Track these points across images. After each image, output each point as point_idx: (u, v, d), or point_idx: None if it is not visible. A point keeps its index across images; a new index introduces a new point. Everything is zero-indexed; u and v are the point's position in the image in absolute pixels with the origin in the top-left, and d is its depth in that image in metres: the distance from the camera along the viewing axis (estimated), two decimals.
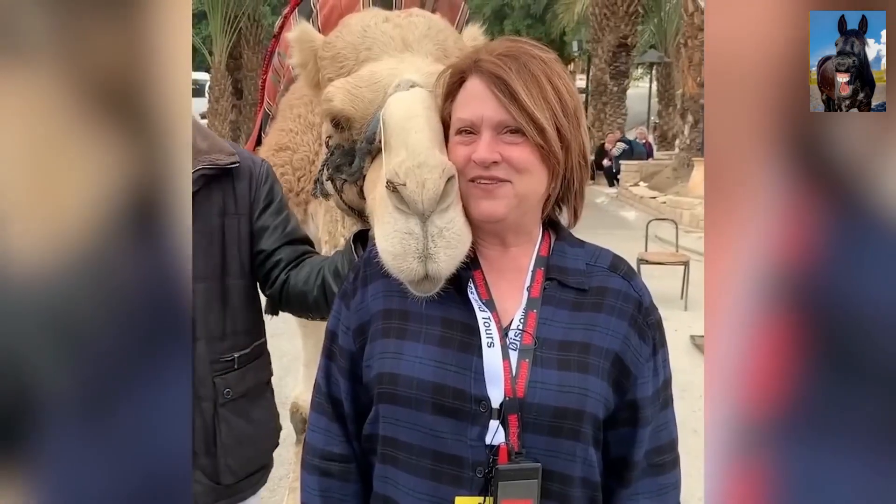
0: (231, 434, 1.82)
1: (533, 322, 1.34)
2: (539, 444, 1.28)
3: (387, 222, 1.35)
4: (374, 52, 1.59)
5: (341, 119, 1.56)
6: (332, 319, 1.50)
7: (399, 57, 1.61)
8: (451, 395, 1.30)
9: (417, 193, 1.31)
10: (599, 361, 1.32)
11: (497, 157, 1.29)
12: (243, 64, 24.11)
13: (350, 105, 1.54)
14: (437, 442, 1.31)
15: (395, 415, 1.35)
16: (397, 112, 1.46)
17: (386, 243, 1.35)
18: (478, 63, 1.34)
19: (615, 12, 23.60)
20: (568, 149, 1.34)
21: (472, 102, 1.34)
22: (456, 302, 1.37)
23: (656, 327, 1.40)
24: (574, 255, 1.42)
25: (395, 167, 1.34)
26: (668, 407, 1.42)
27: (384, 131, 1.44)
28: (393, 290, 1.40)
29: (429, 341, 1.34)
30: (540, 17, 29.49)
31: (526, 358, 1.31)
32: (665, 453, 1.41)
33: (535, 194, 1.35)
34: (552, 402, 1.28)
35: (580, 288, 1.37)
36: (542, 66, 1.32)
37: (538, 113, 1.28)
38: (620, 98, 24.86)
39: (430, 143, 1.38)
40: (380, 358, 1.37)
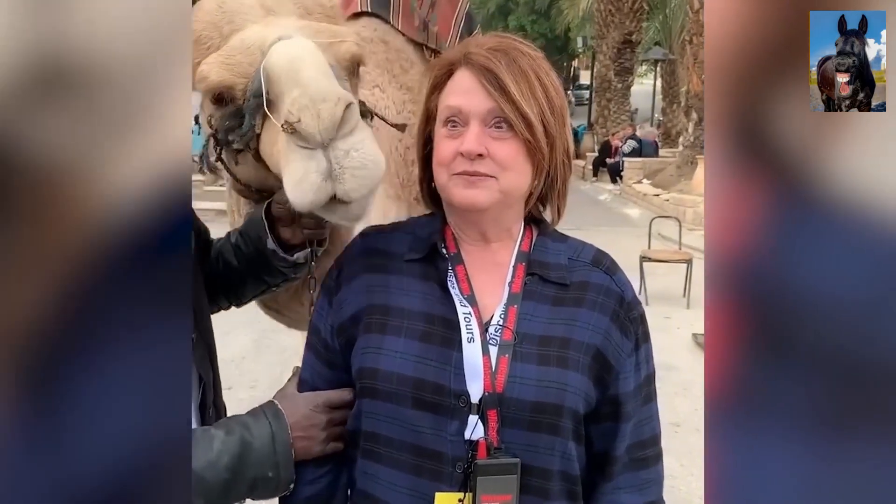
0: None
1: (513, 317, 1.34)
2: (518, 439, 1.29)
3: (291, 161, 1.33)
4: (237, 23, 1.55)
5: (223, 92, 1.52)
6: (316, 314, 1.50)
7: (264, 21, 1.58)
8: (430, 389, 1.31)
9: (313, 126, 1.29)
10: (579, 356, 1.32)
11: (483, 150, 1.30)
12: None
13: (228, 74, 1.49)
14: (417, 436, 1.31)
15: (376, 409, 1.36)
16: (281, 58, 1.43)
17: (291, 179, 1.32)
18: (468, 56, 1.35)
19: (620, 9, 23.56)
20: (553, 146, 1.35)
21: (460, 93, 1.34)
22: (437, 297, 1.37)
23: (639, 322, 1.40)
24: (556, 249, 1.43)
25: (288, 107, 1.32)
26: (650, 402, 1.43)
27: (270, 81, 1.42)
28: (375, 286, 1.41)
29: (410, 336, 1.35)
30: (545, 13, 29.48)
31: (506, 353, 1.31)
32: (647, 448, 1.41)
33: (518, 190, 1.36)
34: (531, 398, 1.29)
35: (561, 283, 1.38)
36: (530, 62, 1.33)
37: (527, 107, 1.29)
38: (625, 95, 24.83)
39: (320, 76, 1.36)
40: (362, 353, 1.38)
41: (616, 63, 24.28)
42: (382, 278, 1.42)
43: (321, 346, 1.47)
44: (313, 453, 1.41)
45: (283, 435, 1.38)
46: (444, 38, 2.41)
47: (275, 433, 1.38)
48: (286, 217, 1.66)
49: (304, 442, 1.40)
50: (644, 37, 25.02)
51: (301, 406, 1.42)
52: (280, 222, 1.67)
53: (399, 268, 1.43)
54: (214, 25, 1.56)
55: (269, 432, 1.38)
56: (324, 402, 1.43)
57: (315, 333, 1.49)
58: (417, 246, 1.43)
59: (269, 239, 1.67)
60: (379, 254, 1.45)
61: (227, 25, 1.56)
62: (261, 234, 1.69)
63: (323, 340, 1.47)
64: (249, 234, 1.73)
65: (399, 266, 1.43)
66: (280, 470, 1.38)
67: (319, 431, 1.41)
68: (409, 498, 1.32)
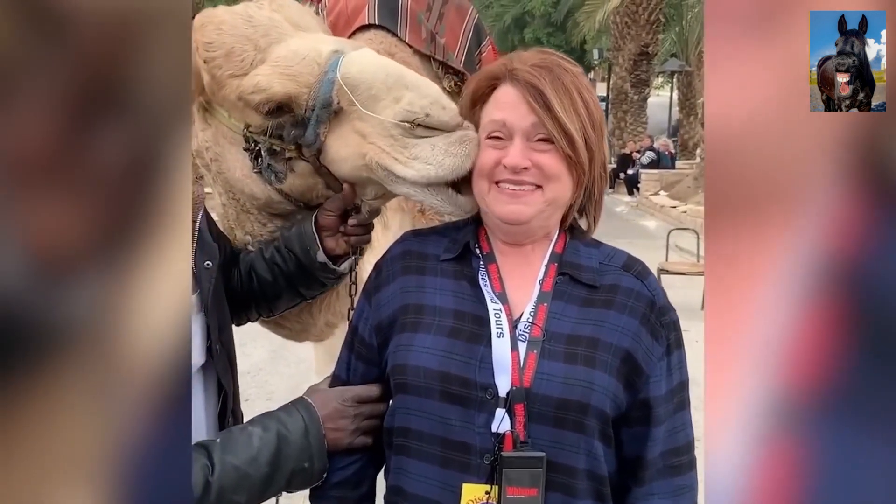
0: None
1: (543, 315, 1.37)
2: (544, 435, 1.31)
3: (415, 146, 1.51)
4: (273, 36, 1.60)
5: (284, 102, 1.56)
6: (356, 315, 1.56)
7: (300, 35, 1.64)
8: (457, 382, 1.34)
9: (446, 115, 1.48)
10: (608, 357, 1.34)
11: (528, 164, 1.34)
12: None
13: (293, 84, 1.54)
14: (446, 429, 1.34)
15: (406, 404, 1.39)
16: (369, 66, 1.55)
17: (425, 158, 1.49)
18: (513, 72, 1.38)
19: (636, 21, 23.53)
20: (592, 159, 1.39)
21: (505, 108, 1.38)
22: (469, 294, 1.41)
23: (672, 328, 1.41)
24: (588, 253, 1.45)
25: (406, 107, 1.49)
26: (684, 409, 1.43)
27: (355, 89, 1.52)
28: (410, 287, 1.46)
29: (439, 332, 1.38)
30: (560, 26, 29.47)
31: (534, 349, 1.34)
32: (682, 455, 1.41)
33: (562, 199, 1.40)
34: (557, 394, 1.31)
35: (592, 284, 1.40)
36: (572, 79, 1.37)
37: (569, 124, 1.33)
38: (641, 106, 24.78)
39: (419, 78, 1.54)
40: (394, 352, 1.42)
41: (632, 75, 24.25)
42: (418, 279, 1.46)
43: (360, 343, 1.52)
44: (343, 445, 1.47)
45: (316, 427, 1.45)
46: (451, 49, 2.41)
47: (308, 426, 1.45)
48: (333, 226, 1.69)
49: (335, 434, 1.46)
50: (660, 48, 24.96)
51: (331, 400, 1.49)
52: (325, 231, 1.69)
53: (434, 268, 1.47)
54: (248, 38, 1.59)
55: (303, 426, 1.45)
56: (352, 396, 1.48)
57: (354, 332, 1.54)
58: (452, 246, 1.47)
59: (319, 251, 1.69)
60: (415, 256, 1.50)
61: (263, 39, 1.59)
62: (308, 246, 1.70)
63: (360, 338, 1.52)
64: (292, 248, 1.73)
65: (434, 266, 1.47)
66: (315, 461, 1.45)
67: (349, 424, 1.47)
68: (439, 490, 1.35)
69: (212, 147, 1.75)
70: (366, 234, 1.72)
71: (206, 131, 1.74)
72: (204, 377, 1.61)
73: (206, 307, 1.57)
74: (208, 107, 1.70)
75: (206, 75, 1.62)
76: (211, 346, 1.58)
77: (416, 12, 2.31)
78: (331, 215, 1.67)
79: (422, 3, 2.36)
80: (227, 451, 1.39)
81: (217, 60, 1.59)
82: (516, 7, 29.70)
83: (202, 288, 1.55)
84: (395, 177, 1.53)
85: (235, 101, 1.61)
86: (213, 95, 1.65)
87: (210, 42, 1.60)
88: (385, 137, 1.52)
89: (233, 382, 1.67)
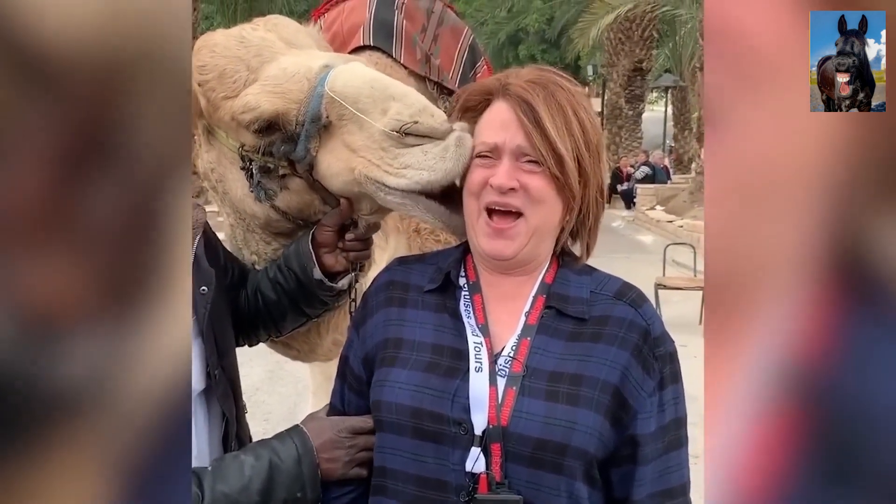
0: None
1: (525, 350, 1.32)
2: (522, 476, 1.26)
3: (405, 155, 1.48)
4: (266, 56, 1.59)
5: (273, 120, 1.55)
6: (346, 345, 1.52)
7: (292, 52, 1.63)
8: (429, 418, 1.29)
9: (434, 121, 1.46)
10: (594, 393, 1.28)
11: (515, 185, 1.30)
12: None
13: (282, 102, 1.54)
14: (420, 466, 1.30)
15: (383, 442, 1.36)
16: (355, 79, 1.54)
17: (419, 165, 1.46)
18: (506, 87, 1.35)
19: (630, 37, 23.67)
20: (587, 183, 1.34)
21: (496, 126, 1.35)
22: (449, 327, 1.37)
23: (667, 360, 1.34)
24: (578, 282, 1.39)
25: (394, 116, 1.47)
26: (679, 448, 1.35)
27: (344, 101, 1.51)
28: (392, 320, 1.42)
29: (415, 367, 1.34)
30: (555, 42, 29.60)
31: (513, 386, 1.29)
32: (675, 497, 1.33)
33: (547, 227, 1.35)
34: (535, 434, 1.25)
35: (580, 317, 1.34)
36: (568, 97, 1.33)
37: (560, 143, 1.29)
38: (636, 122, 24.89)
39: (406, 88, 1.52)
40: (373, 387, 1.39)
41: (627, 90, 24.37)
42: (400, 311, 1.42)
43: (350, 375, 1.48)
44: (337, 475, 1.44)
45: (310, 456, 1.43)
46: (446, 70, 2.41)
47: (301, 455, 1.42)
48: (331, 242, 1.67)
49: (329, 464, 1.43)
50: (654, 64, 25.09)
51: (327, 429, 1.46)
52: (323, 248, 1.68)
53: (416, 300, 1.43)
54: (240, 59, 1.59)
55: (296, 455, 1.42)
56: (348, 427, 1.46)
57: (345, 362, 1.50)
58: (436, 276, 1.43)
59: (315, 268, 1.67)
60: (399, 286, 1.46)
61: (255, 59, 1.59)
62: (305, 264, 1.68)
63: (350, 369, 1.48)
64: (291, 267, 1.72)
65: (416, 298, 1.43)
66: (308, 490, 1.42)
67: (344, 454, 1.44)
68: None
69: (216, 168, 1.75)
70: (365, 250, 1.69)
71: (210, 153, 1.74)
72: (206, 402, 1.59)
73: (202, 332, 1.54)
74: (210, 129, 1.70)
75: (201, 98, 1.62)
76: (210, 372, 1.55)
77: (411, 33, 2.31)
78: (328, 231, 1.66)
79: (417, 24, 2.36)
80: (219, 479, 1.37)
81: (211, 83, 1.60)
82: (511, 24, 29.79)
83: (197, 314, 1.53)
84: (387, 188, 1.51)
85: (230, 122, 1.61)
86: (210, 118, 1.65)
87: (204, 65, 1.60)
88: (375, 150, 1.50)
89: (235, 407, 1.65)
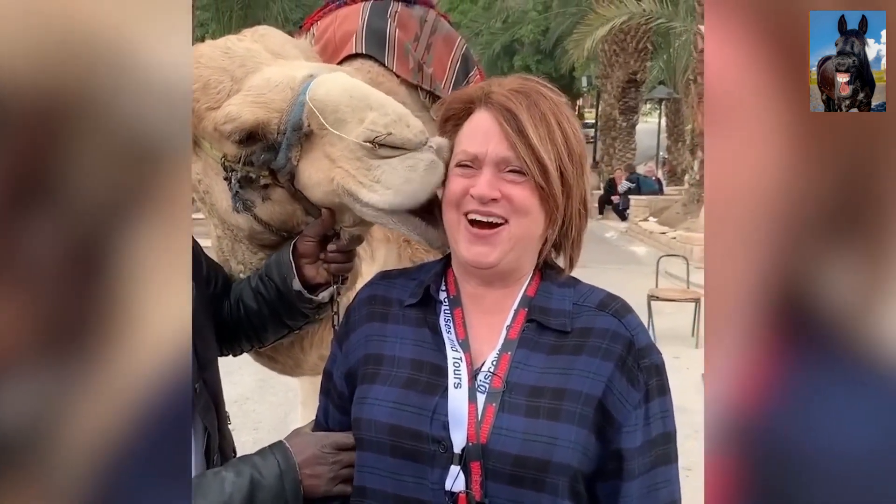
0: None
1: (505, 365, 1.29)
2: (502, 494, 1.23)
3: (378, 167, 1.46)
4: (250, 66, 1.59)
5: (254, 129, 1.54)
6: (329, 361, 1.50)
7: (277, 63, 1.62)
8: (407, 436, 1.27)
9: (409, 133, 1.44)
10: (577, 407, 1.25)
11: (497, 195, 1.27)
12: None
13: (263, 111, 1.53)
14: (399, 486, 1.28)
15: (362, 461, 1.34)
16: (335, 88, 1.52)
17: (393, 181, 1.45)
18: (489, 95, 1.33)
19: (625, 49, 23.78)
20: (569, 194, 1.32)
21: (478, 136, 1.32)
22: (428, 342, 1.35)
23: (653, 372, 1.31)
24: (561, 295, 1.37)
25: (369, 126, 1.44)
26: (668, 464, 1.31)
27: (325, 111, 1.49)
28: (373, 336, 1.40)
29: (394, 384, 1.32)
30: (549, 53, 29.70)
31: (493, 402, 1.26)
32: None
33: (530, 237, 1.33)
34: (514, 451, 1.22)
35: (562, 330, 1.32)
36: (551, 107, 1.31)
37: (544, 152, 1.27)
38: (630, 133, 24.97)
39: (384, 97, 1.50)
40: (354, 404, 1.37)
41: (621, 102, 24.47)
42: (381, 327, 1.40)
43: (334, 391, 1.46)
44: (320, 492, 1.42)
45: (292, 472, 1.40)
46: (439, 79, 2.40)
47: (283, 471, 1.40)
48: (312, 253, 1.65)
49: (312, 480, 1.41)
50: (648, 76, 25.20)
51: (310, 445, 1.44)
52: (304, 259, 1.66)
53: (397, 315, 1.40)
54: (224, 70, 1.58)
55: (278, 471, 1.40)
56: (331, 443, 1.43)
57: (328, 378, 1.49)
58: (417, 290, 1.41)
59: (294, 279, 1.65)
60: (380, 301, 1.44)
61: (240, 69, 1.58)
62: (285, 274, 1.66)
63: (335, 385, 1.46)
64: (271, 277, 1.70)
65: (397, 313, 1.41)
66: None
67: (327, 471, 1.41)
68: None
69: (203, 179, 1.73)
70: (347, 262, 1.67)
71: (197, 164, 1.73)
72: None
73: None
74: (196, 140, 1.68)
75: None
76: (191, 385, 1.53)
77: (403, 42, 2.30)
78: (310, 241, 1.64)
79: (409, 33, 2.35)
80: (199, 495, 1.34)
81: (195, 94, 1.58)
82: (506, 35, 29.93)
83: None
84: (362, 202, 1.50)
85: (213, 133, 1.60)
86: (195, 129, 1.63)
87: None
88: (351, 160, 1.49)
89: (217, 421, 1.63)
